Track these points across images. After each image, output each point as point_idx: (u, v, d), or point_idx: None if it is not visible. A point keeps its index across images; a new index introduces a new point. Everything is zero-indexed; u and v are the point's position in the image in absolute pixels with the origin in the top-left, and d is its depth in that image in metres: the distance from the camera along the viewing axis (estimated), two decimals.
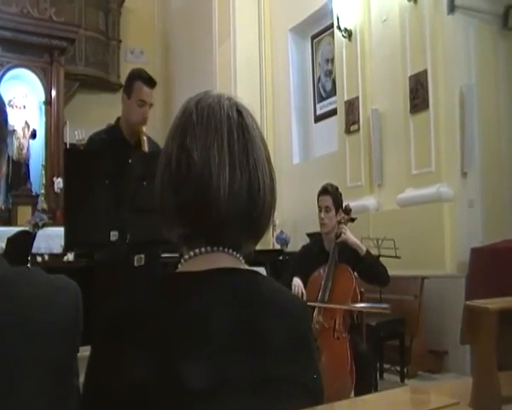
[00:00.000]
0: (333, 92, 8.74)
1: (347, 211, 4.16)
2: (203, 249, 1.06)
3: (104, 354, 0.97)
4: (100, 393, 0.95)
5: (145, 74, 3.58)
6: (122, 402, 0.91)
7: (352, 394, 3.63)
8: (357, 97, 7.42)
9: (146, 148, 3.38)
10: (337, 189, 4.23)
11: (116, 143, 3.48)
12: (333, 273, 3.95)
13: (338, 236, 4.03)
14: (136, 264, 3.35)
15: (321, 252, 4.17)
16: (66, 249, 6.21)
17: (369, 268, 4.00)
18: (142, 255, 3.36)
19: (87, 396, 0.97)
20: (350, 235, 4.03)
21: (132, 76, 3.56)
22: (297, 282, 4.01)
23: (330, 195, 4.14)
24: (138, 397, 0.90)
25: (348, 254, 4.01)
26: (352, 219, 4.18)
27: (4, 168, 1.07)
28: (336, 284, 3.92)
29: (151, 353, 0.93)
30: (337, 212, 4.13)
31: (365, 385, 3.74)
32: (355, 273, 3.98)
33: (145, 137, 3.42)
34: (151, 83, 3.54)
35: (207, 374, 0.91)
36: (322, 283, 3.93)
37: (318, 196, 4.20)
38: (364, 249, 4.04)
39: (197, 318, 0.97)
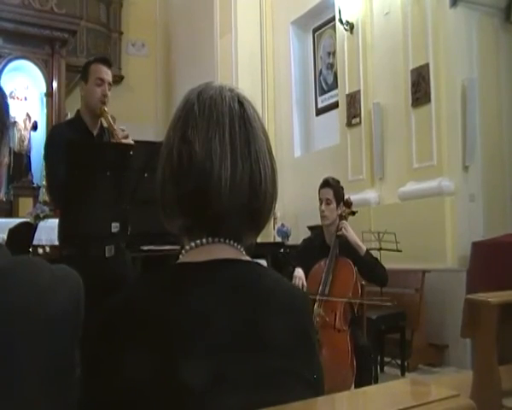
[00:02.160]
0: (334, 85, 8.73)
1: (348, 204, 4.16)
2: (204, 240, 1.06)
3: (103, 351, 0.97)
4: (99, 388, 0.95)
5: (99, 56, 3.63)
6: (121, 398, 0.91)
7: (353, 387, 3.64)
8: (359, 91, 7.41)
9: (115, 126, 3.37)
10: (338, 182, 4.23)
11: (80, 134, 3.46)
12: (333, 267, 3.94)
13: (339, 230, 4.02)
14: (107, 255, 3.36)
15: (322, 245, 4.16)
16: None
17: (368, 269, 4.00)
18: (112, 246, 3.38)
19: (87, 392, 0.97)
20: (351, 232, 4.02)
21: (87, 62, 3.57)
22: (299, 273, 4.01)
23: (331, 187, 4.13)
24: (138, 393, 0.90)
25: (349, 248, 4.00)
26: (353, 213, 4.18)
27: (7, 159, 1.06)
28: (337, 278, 3.92)
29: (151, 349, 0.92)
30: (338, 205, 4.12)
31: (366, 378, 3.75)
32: (356, 267, 3.99)
33: (109, 116, 3.40)
34: (107, 62, 3.54)
35: (207, 371, 0.91)
36: (323, 276, 3.93)
37: (320, 188, 4.20)
38: (364, 249, 4.04)
39: (197, 312, 0.96)
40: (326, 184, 4.18)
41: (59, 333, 0.93)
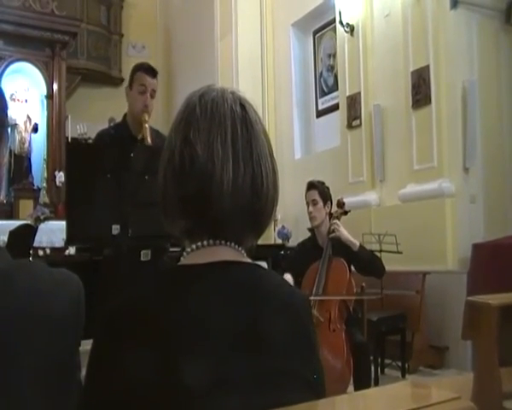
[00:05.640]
0: (335, 87, 8.73)
1: (340, 204, 4.17)
2: (205, 243, 1.06)
3: (104, 350, 0.97)
4: (100, 390, 0.95)
5: (146, 65, 3.67)
6: (122, 399, 0.91)
7: (351, 384, 3.65)
8: (359, 92, 7.41)
9: (149, 138, 3.41)
10: (323, 183, 4.26)
11: (123, 139, 3.51)
12: (327, 267, 3.96)
13: (331, 232, 4.03)
14: (142, 258, 3.36)
15: (314, 247, 4.18)
16: (68, 243, 6.23)
17: (364, 262, 4.01)
18: (149, 250, 3.38)
19: (88, 393, 0.97)
20: (343, 231, 4.03)
21: (134, 69, 3.66)
22: (287, 278, 4.02)
23: (316, 188, 4.18)
24: (138, 394, 0.90)
25: (342, 247, 4.01)
26: (346, 213, 4.18)
27: (6, 159, 1.07)
28: (330, 278, 3.93)
29: (151, 350, 0.92)
30: (325, 204, 4.15)
31: (363, 375, 3.76)
32: (351, 267, 3.99)
33: (147, 126, 3.44)
34: (152, 72, 3.61)
35: (208, 371, 0.91)
36: (317, 277, 3.94)
37: (305, 192, 4.24)
38: (357, 245, 4.04)
39: (198, 315, 0.96)
40: (310, 186, 4.23)
41: (59, 336, 0.93)
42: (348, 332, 3.79)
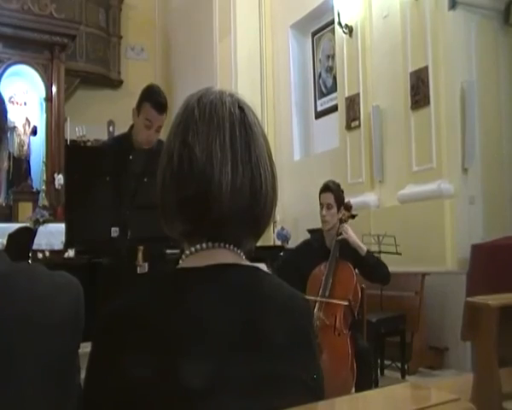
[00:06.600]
0: (333, 88, 8.74)
1: (348, 208, 4.13)
2: (204, 245, 1.06)
3: (103, 353, 0.97)
4: (99, 392, 0.95)
5: (155, 97, 3.42)
6: (121, 401, 0.91)
7: (353, 390, 3.62)
8: (358, 94, 7.41)
9: None
10: (339, 186, 4.20)
11: (125, 151, 3.47)
12: (334, 270, 3.93)
13: (339, 234, 4.00)
14: (139, 271, 3.35)
15: (321, 248, 4.14)
16: (67, 246, 6.22)
17: (370, 268, 3.99)
18: (146, 264, 3.36)
19: (87, 395, 0.97)
20: (351, 234, 4.00)
21: (144, 95, 3.44)
22: None
23: (332, 192, 4.11)
24: (137, 396, 0.90)
25: (349, 251, 3.99)
26: (353, 216, 4.15)
27: (6, 164, 1.06)
28: (337, 281, 3.90)
29: (150, 352, 0.92)
30: (339, 209, 4.08)
31: (366, 381, 3.74)
32: (356, 270, 3.97)
33: None
34: (160, 108, 3.41)
35: (207, 373, 0.91)
36: (323, 279, 3.91)
37: (320, 193, 4.16)
38: (365, 249, 4.02)
39: (197, 317, 0.96)
40: (327, 188, 4.14)
41: (59, 339, 0.93)
42: (352, 337, 3.76)
